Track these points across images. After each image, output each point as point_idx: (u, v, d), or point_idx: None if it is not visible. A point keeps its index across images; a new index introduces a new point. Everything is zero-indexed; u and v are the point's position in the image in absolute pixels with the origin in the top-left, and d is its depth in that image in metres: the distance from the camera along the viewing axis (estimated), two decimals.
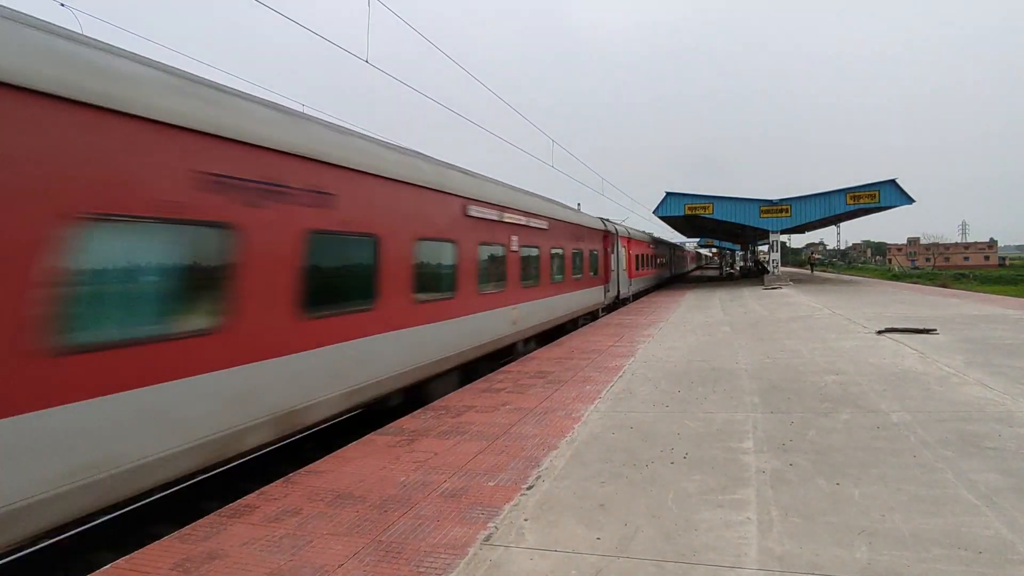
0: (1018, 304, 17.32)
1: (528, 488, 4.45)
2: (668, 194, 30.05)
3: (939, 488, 4.06)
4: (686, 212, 29.84)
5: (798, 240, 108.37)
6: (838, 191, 27.86)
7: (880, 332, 11.57)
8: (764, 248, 55.54)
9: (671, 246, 46.96)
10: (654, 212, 30.54)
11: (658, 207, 30.16)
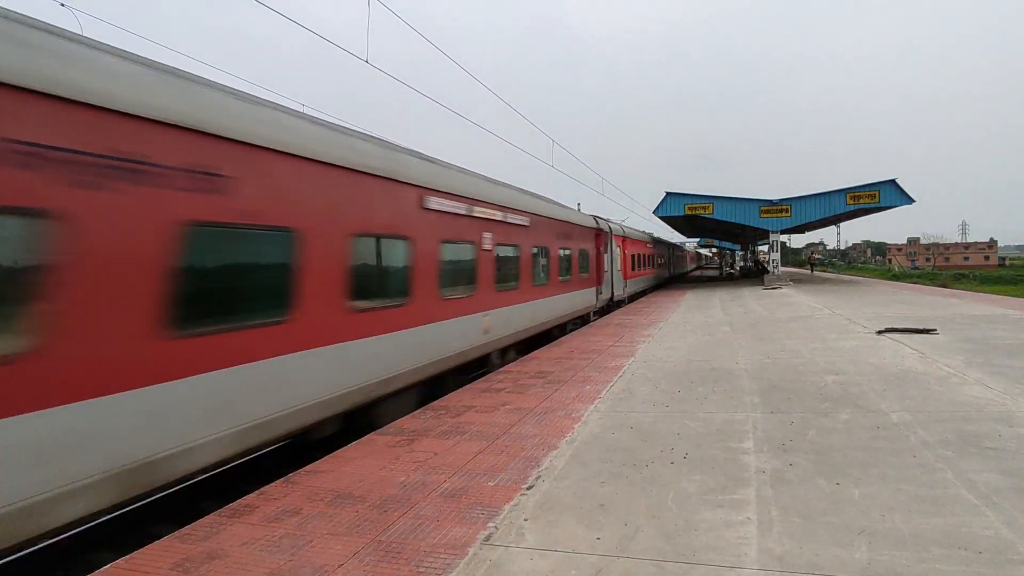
0: (1018, 304, 17.32)
1: (528, 488, 4.45)
2: (668, 194, 30.09)
3: (939, 488, 4.06)
4: (686, 212, 29.88)
5: (798, 240, 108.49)
6: (838, 191, 27.89)
7: (880, 332, 11.57)
8: (764, 248, 55.57)
9: (670, 245, 46.11)
10: (654, 212, 30.57)
11: (658, 207, 30.19)
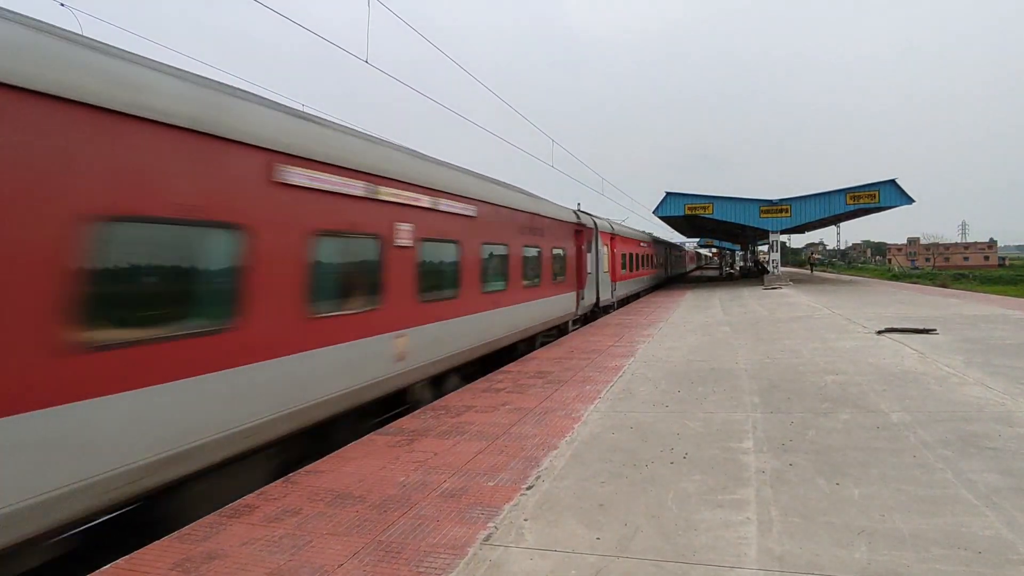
0: (1018, 304, 17.33)
1: (528, 488, 4.45)
2: (668, 194, 30.11)
3: (939, 488, 4.06)
4: (686, 212, 29.90)
5: (798, 240, 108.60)
6: (838, 191, 27.91)
7: (880, 332, 11.58)
8: (764, 248, 55.57)
9: (668, 245, 43.83)
10: (654, 212, 30.60)
11: (658, 207, 30.22)
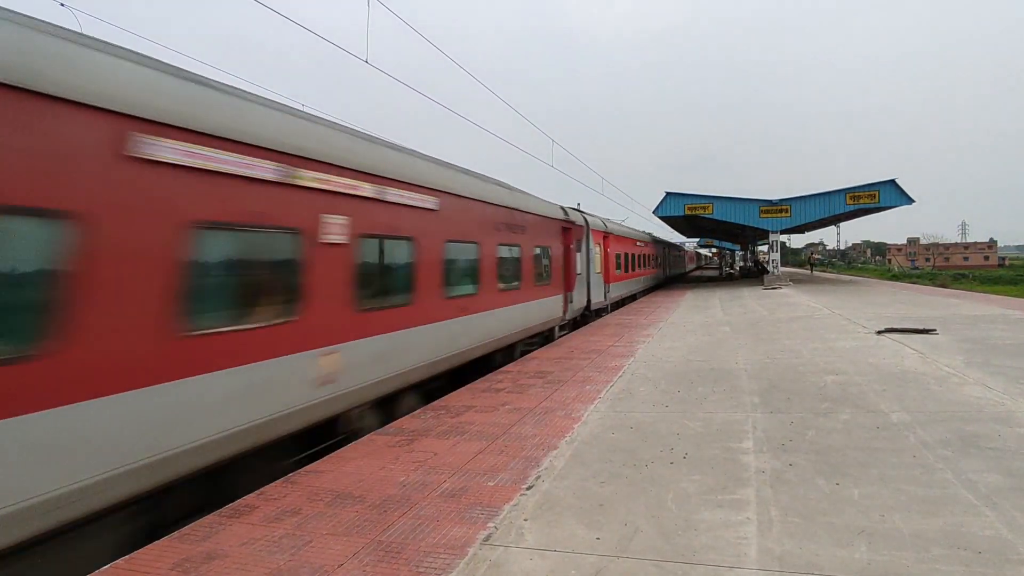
0: (1018, 304, 17.33)
1: (528, 488, 4.45)
2: (668, 194, 30.09)
3: (939, 488, 4.06)
4: (686, 212, 29.89)
5: (798, 240, 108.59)
6: (838, 191, 27.90)
7: (880, 332, 11.58)
8: (764, 248, 55.57)
9: (667, 244, 42.86)
10: (654, 212, 30.59)
11: (658, 207, 30.20)
